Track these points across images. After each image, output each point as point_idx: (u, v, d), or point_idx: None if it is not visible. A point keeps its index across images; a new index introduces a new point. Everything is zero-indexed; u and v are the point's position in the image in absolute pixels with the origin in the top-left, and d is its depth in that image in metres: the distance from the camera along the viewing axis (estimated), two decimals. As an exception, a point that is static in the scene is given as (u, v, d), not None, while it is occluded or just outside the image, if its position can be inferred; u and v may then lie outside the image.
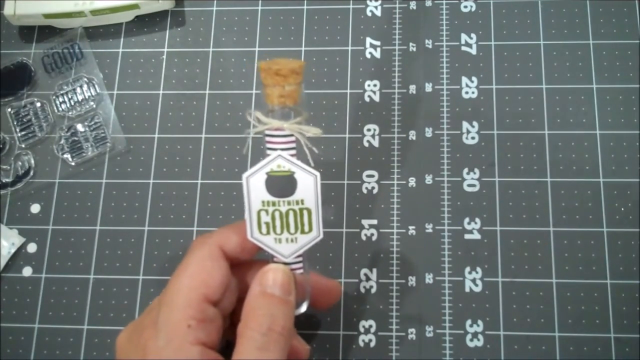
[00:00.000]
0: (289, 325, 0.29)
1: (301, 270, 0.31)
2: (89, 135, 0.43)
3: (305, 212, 0.30)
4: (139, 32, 0.45)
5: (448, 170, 0.41)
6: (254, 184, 0.29)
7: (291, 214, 0.29)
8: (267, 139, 0.29)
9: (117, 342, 0.31)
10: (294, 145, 0.29)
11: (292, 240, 0.30)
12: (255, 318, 0.29)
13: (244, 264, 0.32)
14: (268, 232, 0.30)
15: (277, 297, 0.29)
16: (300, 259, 0.31)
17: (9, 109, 0.44)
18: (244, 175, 0.29)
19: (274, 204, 0.29)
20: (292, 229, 0.30)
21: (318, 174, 0.29)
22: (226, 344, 0.33)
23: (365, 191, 0.41)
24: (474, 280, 0.39)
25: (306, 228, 0.30)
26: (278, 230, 0.30)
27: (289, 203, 0.29)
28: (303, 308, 0.32)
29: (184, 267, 0.30)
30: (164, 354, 0.28)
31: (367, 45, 0.44)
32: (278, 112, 0.29)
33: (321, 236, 0.30)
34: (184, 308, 0.28)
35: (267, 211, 0.30)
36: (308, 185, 0.29)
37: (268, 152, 0.29)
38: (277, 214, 0.30)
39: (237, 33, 0.45)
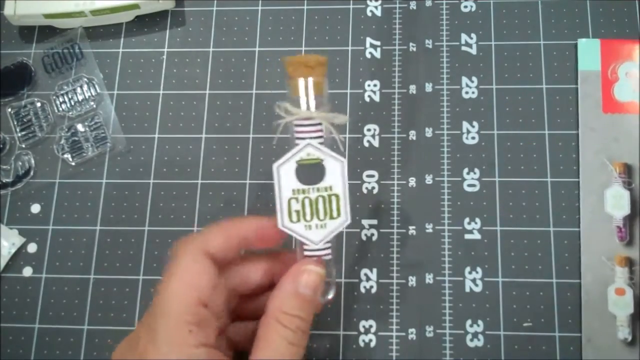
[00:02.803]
0: (310, 324, 0.31)
1: (330, 256, 0.32)
2: (89, 135, 0.43)
3: (333, 198, 0.31)
4: (139, 32, 0.45)
5: (448, 170, 0.41)
6: (285, 173, 0.30)
7: (320, 200, 0.31)
8: (296, 128, 0.30)
9: (112, 357, 0.31)
10: (322, 133, 0.31)
11: (321, 227, 0.31)
12: (285, 315, 0.30)
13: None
14: (298, 220, 0.31)
15: (308, 299, 0.30)
16: (329, 244, 0.32)
17: (9, 109, 0.44)
18: (275, 165, 0.30)
19: (304, 191, 0.31)
20: (322, 215, 0.31)
21: (345, 160, 0.31)
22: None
23: (365, 191, 0.41)
24: (474, 280, 0.39)
25: (335, 213, 0.31)
26: (308, 217, 0.31)
27: (318, 190, 0.31)
28: (330, 295, 0.32)
29: (171, 272, 0.30)
30: (169, 357, 0.28)
31: (367, 45, 0.44)
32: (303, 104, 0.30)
33: (349, 220, 0.31)
34: (180, 314, 0.28)
35: (297, 199, 0.31)
36: (336, 171, 0.31)
37: (297, 141, 0.30)
38: (306, 201, 0.31)
39: (237, 33, 0.45)
